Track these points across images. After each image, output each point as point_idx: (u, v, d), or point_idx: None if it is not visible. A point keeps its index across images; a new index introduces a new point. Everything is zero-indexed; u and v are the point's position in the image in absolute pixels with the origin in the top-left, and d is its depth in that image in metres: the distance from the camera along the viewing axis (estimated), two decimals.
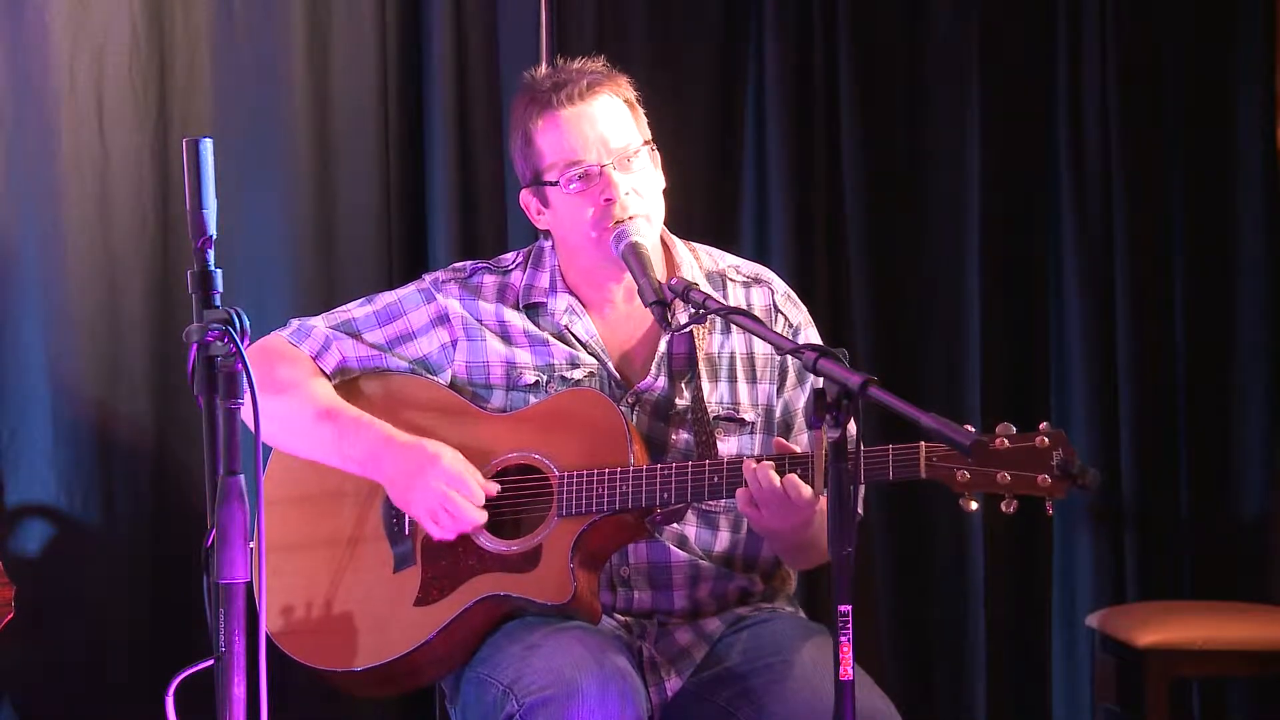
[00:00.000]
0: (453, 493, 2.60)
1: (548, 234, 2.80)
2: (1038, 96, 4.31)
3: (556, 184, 2.67)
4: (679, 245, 2.79)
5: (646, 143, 2.70)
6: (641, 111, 2.73)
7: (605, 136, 2.65)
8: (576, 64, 2.72)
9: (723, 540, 2.73)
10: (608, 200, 2.63)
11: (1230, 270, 4.32)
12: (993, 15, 4.27)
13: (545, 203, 2.72)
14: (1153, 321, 4.28)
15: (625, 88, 2.72)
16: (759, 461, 2.50)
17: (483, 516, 2.62)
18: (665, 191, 2.74)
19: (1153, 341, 4.28)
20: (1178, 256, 4.32)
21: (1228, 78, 4.31)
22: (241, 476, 2.09)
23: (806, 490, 2.46)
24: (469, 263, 2.84)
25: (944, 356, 4.28)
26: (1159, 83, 4.30)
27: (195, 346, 2.09)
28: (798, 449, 2.55)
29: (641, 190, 2.66)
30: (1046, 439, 2.38)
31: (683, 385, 2.70)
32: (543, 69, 2.75)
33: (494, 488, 2.64)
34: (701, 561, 2.71)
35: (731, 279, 2.79)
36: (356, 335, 2.78)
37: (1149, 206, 4.28)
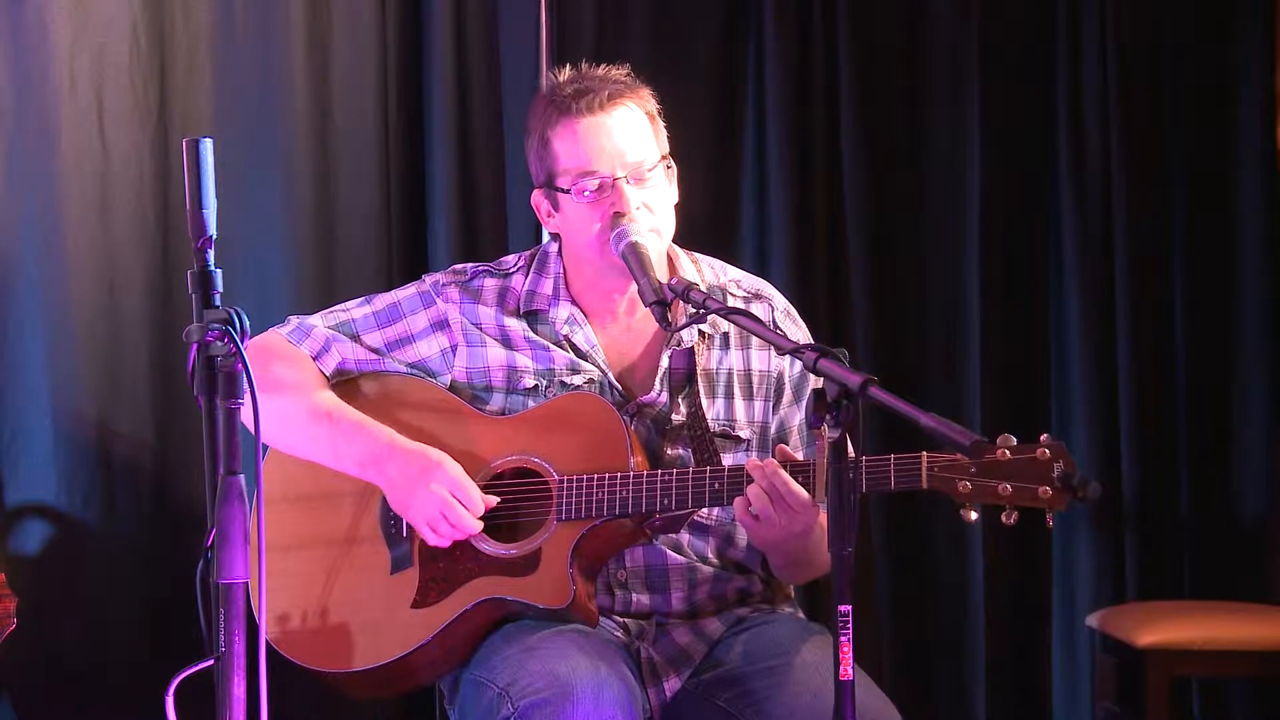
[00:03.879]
0: (454, 500, 2.60)
1: (556, 237, 2.80)
2: (1038, 97, 4.31)
3: (568, 191, 2.66)
4: (682, 256, 2.78)
5: (663, 158, 2.69)
6: (662, 125, 2.71)
7: (621, 149, 2.63)
8: (600, 71, 2.70)
9: (714, 546, 2.73)
10: (617, 213, 2.62)
11: (1230, 270, 4.32)
12: (993, 15, 4.27)
13: (556, 206, 2.71)
14: (1153, 321, 4.28)
15: (648, 100, 2.70)
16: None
17: (479, 526, 2.62)
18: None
19: (1153, 341, 4.28)
20: (1178, 256, 4.32)
21: (1228, 78, 4.31)
22: (241, 476, 2.09)
23: (805, 493, 2.46)
24: (470, 265, 2.83)
25: (944, 357, 4.28)
26: (1159, 83, 4.30)
27: (195, 346, 2.09)
28: (799, 456, 2.55)
29: (653, 205, 2.66)
30: (1048, 450, 2.37)
31: (680, 400, 2.70)
32: (567, 72, 2.71)
33: (493, 500, 2.64)
34: (698, 564, 2.71)
35: (732, 294, 2.78)
36: (355, 337, 2.78)
37: (1149, 206, 4.28)
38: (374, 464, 2.65)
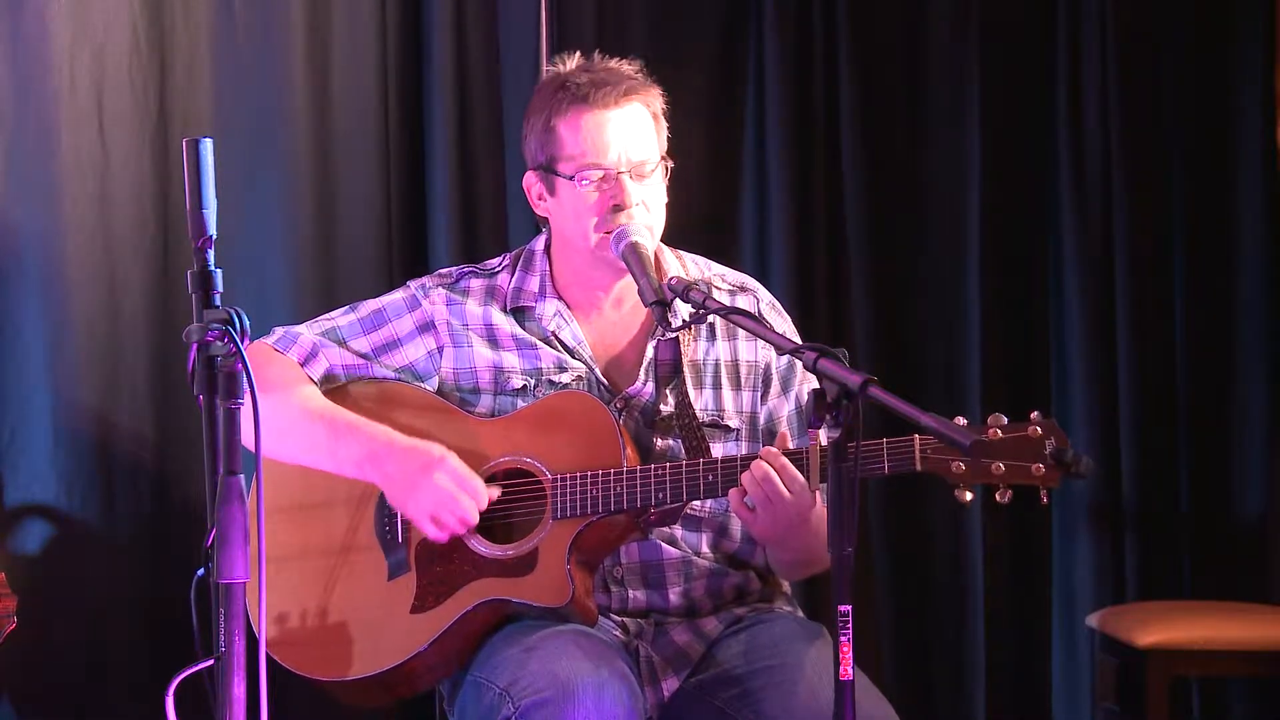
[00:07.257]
0: (460, 494, 2.60)
1: (545, 222, 2.80)
2: (1038, 97, 4.31)
3: (571, 178, 2.67)
4: (667, 253, 2.79)
5: (663, 158, 2.71)
6: (665, 125, 2.73)
7: (628, 146, 2.66)
8: (614, 63, 2.71)
9: (708, 539, 2.74)
10: (617, 206, 2.64)
11: (1230, 270, 4.32)
12: (993, 15, 4.27)
13: (551, 191, 2.72)
14: (1153, 321, 4.28)
15: (656, 99, 2.72)
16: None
17: (477, 519, 2.63)
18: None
19: (1153, 341, 4.28)
20: (1178, 256, 4.32)
21: (1228, 78, 4.31)
22: (241, 476, 2.09)
23: (800, 475, 2.47)
24: (455, 268, 2.85)
25: (944, 356, 4.28)
26: (1159, 83, 4.30)
27: (195, 346, 2.09)
28: (792, 445, 2.56)
29: (650, 204, 2.68)
30: (1039, 428, 2.39)
31: (668, 391, 2.70)
32: (576, 60, 2.72)
33: (496, 492, 2.64)
34: (694, 558, 2.71)
35: (718, 286, 2.80)
36: (342, 343, 2.78)
37: (1149, 206, 4.28)
38: (372, 461, 2.65)
